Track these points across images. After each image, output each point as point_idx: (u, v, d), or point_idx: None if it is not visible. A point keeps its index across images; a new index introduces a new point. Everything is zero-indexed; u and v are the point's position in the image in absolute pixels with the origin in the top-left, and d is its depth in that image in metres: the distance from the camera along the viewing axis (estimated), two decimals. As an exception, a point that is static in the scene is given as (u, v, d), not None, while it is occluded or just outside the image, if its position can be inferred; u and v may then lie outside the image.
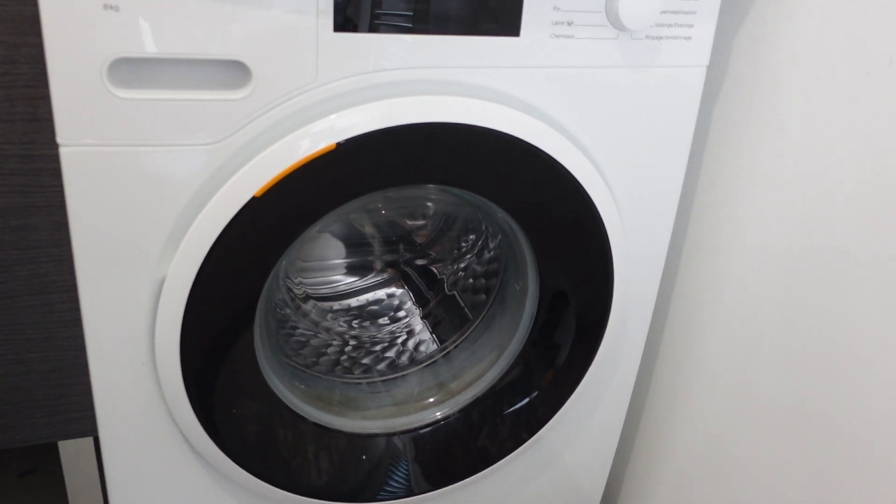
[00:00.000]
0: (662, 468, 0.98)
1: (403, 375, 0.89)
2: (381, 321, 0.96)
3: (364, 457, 0.80)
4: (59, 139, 0.56)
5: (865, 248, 0.66)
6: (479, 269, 0.93)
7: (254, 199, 0.60)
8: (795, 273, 0.74)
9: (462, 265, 0.95)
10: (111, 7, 0.52)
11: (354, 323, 0.95)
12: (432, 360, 0.91)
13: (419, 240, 0.97)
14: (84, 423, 0.83)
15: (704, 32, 0.71)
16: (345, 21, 0.58)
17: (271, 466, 0.74)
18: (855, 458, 0.68)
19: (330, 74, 0.60)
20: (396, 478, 0.81)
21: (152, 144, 0.58)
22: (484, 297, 0.91)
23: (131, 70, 0.55)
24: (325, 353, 0.90)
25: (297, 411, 0.75)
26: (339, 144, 0.60)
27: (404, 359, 0.92)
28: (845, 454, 0.69)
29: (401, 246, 0.97)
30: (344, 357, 0.91)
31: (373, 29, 0.59)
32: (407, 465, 0.82)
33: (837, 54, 0.67)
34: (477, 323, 0.90)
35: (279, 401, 0.73)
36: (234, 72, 0.58)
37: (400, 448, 0.82)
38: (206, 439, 0.69)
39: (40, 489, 1.08)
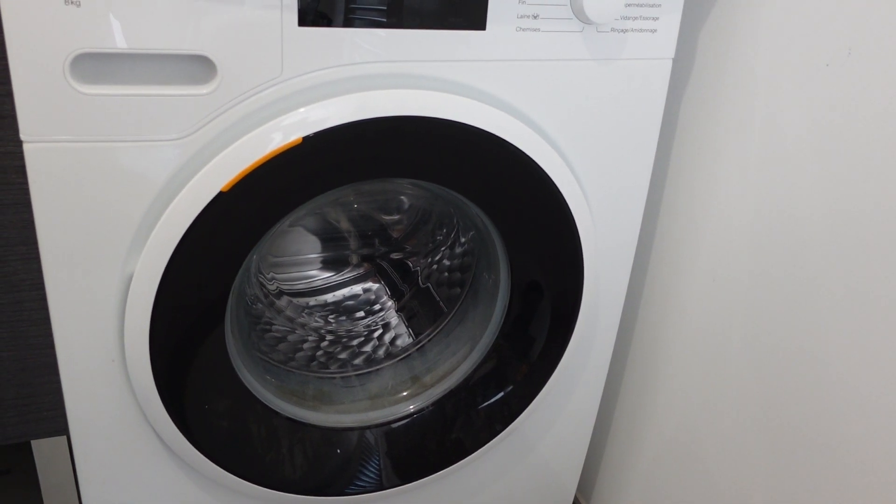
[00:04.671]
0: (637, 456, 0.99)
1: (378, 369, 0.90)
2: (357, 315, 0.96)
3: (338, 451, 0.80)
4: (23, 136, 0.55)
5: (829, 236, 0.67)
6: (452, 262, 0.93)
7: (221, 193, 0.60)
8: (762, 263, 0.75)
9: (436, 258, 0.95)
10: (72, 2, 0.52)
11: (331, 318, 0.95)
12: (406, 353, 0.91)
13: (395, 234, 0.97)
14: (56, 421, 0.83)
15: (669, 25, 0.72)
16: (309, 15, 0.58)
17: (245, 462, 0.74)
18: (820, 450, 0.69)
19: (295, 69, 0.60)
20: (368, 471, 0.81)
21: (117, 140, 0.57)
22: (458, 290, 0.91)
23: (94, 65, 0.55)
24: (300, 349, 0.90)
25: (271, 406, 0.76)
26: (305, 139, 0.60)
27: (381, 353, 0.92)
28: (810, 445, 0.71)
29: (376, 240, 0.97)
30: (320, 352, 0.91)
31: (338, 23, 0.59)
32: (379, 459, 0.82)
33: (799, 45, 0.68)
34: (451, 316, 0.91)
35: (252, 396, 0.73)
36: (200, 66, 0.58)
37: (372, 442, 0.82)
38: (179, 436, 0.69)
39: (15, 489, 1.07)
